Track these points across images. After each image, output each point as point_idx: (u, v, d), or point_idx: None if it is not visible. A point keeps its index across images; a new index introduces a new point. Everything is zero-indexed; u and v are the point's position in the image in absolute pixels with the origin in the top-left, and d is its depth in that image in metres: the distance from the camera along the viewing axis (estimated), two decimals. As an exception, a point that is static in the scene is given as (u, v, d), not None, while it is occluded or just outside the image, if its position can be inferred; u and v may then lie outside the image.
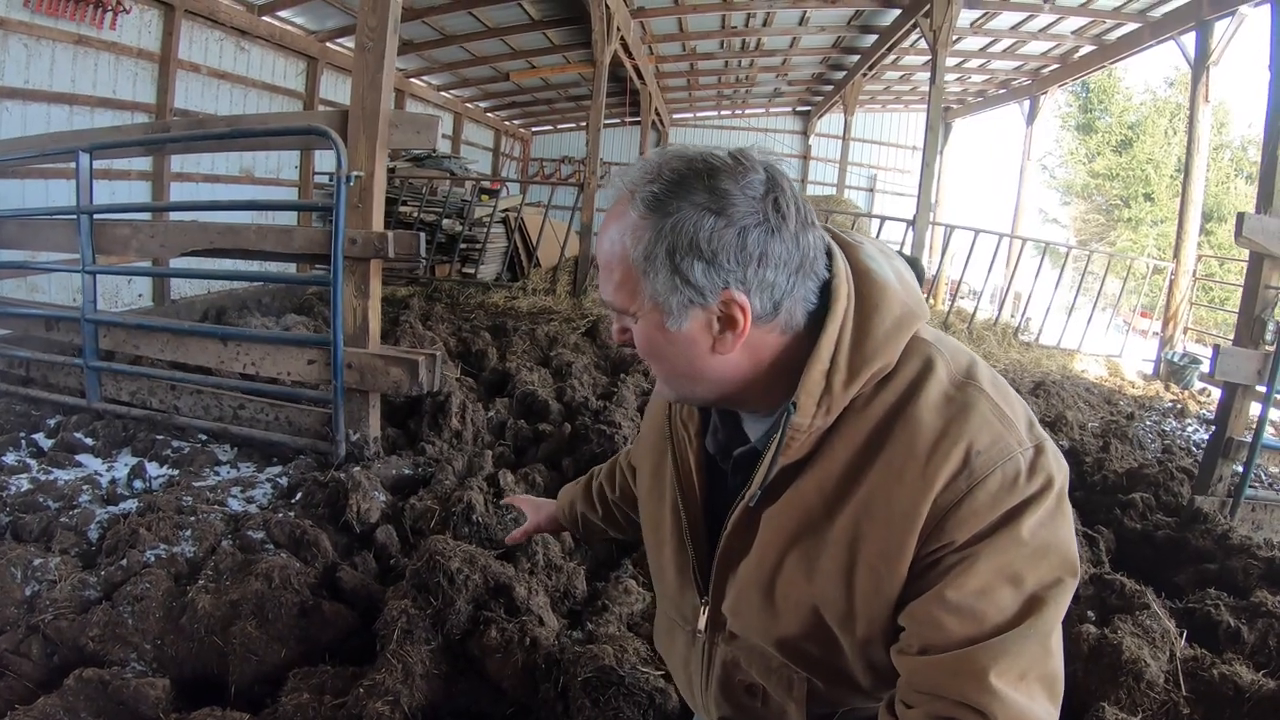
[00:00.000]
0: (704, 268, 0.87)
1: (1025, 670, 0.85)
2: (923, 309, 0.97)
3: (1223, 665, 2.37)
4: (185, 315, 6.97)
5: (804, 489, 0.96)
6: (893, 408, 0.92)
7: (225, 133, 3.83)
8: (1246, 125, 24.36)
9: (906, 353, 0.94)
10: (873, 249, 1.01)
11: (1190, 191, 9.57)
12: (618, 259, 0.92)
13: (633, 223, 0.90)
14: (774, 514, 0.99)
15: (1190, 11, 9.18)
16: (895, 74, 15.39)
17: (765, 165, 0.90)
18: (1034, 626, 0.86)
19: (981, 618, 0.86)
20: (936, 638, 0.87)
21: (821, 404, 0.91)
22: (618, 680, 1.67)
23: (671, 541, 1.15)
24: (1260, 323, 4.15)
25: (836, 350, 0.91)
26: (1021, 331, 10.43)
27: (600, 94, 9.41)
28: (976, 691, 0.84)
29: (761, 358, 0.95)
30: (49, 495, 2.99)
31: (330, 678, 1.82)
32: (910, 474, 0.88)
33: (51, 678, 1.88)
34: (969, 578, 0.86)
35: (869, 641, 0.96)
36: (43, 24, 5.72)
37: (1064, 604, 0.88)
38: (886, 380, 0.93)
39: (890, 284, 0.96)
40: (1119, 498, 4.01)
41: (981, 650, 0.85)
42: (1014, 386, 0.97)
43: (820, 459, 0.95)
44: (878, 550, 0.91)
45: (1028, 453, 0.88)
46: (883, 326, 0.92)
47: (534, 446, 3.95)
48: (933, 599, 0.88)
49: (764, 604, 1.02)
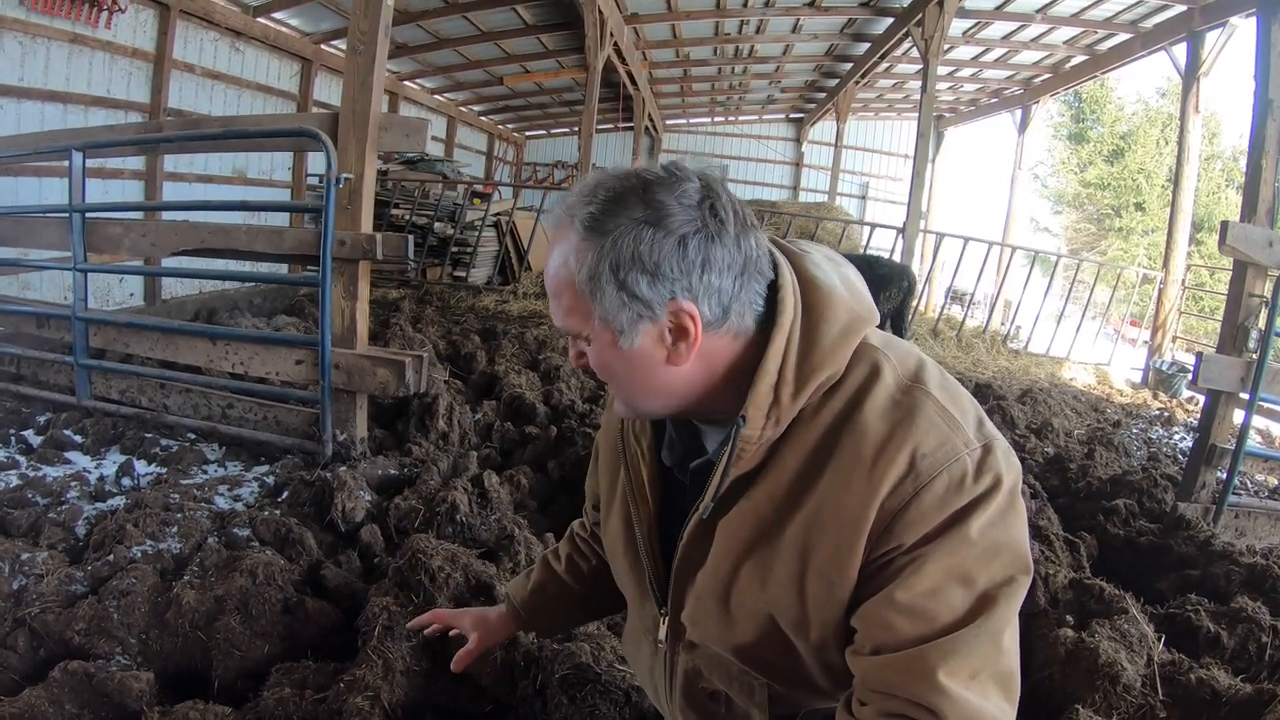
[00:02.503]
0: (648, 280, 0.88)
1: (977, 669, 0.86)
2: (872, 314, 0.98)
3: (1200, 670, 2.37)
4: (176, 315, 6.96)
5: (756, 499, 0.97)
6: (840, 415, 0.93)
7: (218, 133, 3.84)
8: (1238, 136, 24.53)
9: (854, 359, 0.95)
10: (819, 257, 1.01)
11: (1180, 201, 9.63)
12: (564, 284, 0.93)
13: (574, 246, 0.91)
14: (728, 524, 1.00)
15: (1181, 22, 9.27)
16: (888, 82, 15.48)
17: (699, 174, 0.91)
18: (985, 625, 0.87)
19: (932, 617, 0.87)
20: (887, 638, 0.89)
21: (770, 415, 0.93)
22: (594, 677, 1.69)
23: (628, 555, 1.17)
24: (1244, 330, 4.19)
25: (784, 362, 0.92)
26: (1010, 339, 10.47)
27: (593, 99, 9.45)
28: (927, 690, 0.85)
29: (716, 366, 0.95)
30: (38, 491, 2.99)
31: (312, 673, 1.83)
32: (857, 480, 0.89)
33: (37, 670, 1.89)
34: (918, 578, 0.87)
35: (823, 645, 0.97)
36: (38, 22, 5.73)
37: (1016, 602, 0.89)
38: (835, 388, 0.94)
39: (836, 291, 0.97)
40: (1103, 504, 4.03)
41: (932, 649, 0.86)
42: (1001, 393, 0.98)
43: (771, 468, 0.96)
44: (828, 556, 0.92)
45: (975, 453, 0.89)
46: (829, 335, 0.93)
47: (520, 449, 3.96)
48: (883, 600, 0.89)
49: (721, 613, 1.03)
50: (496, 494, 2.95)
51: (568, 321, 0.96)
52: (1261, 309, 4.25)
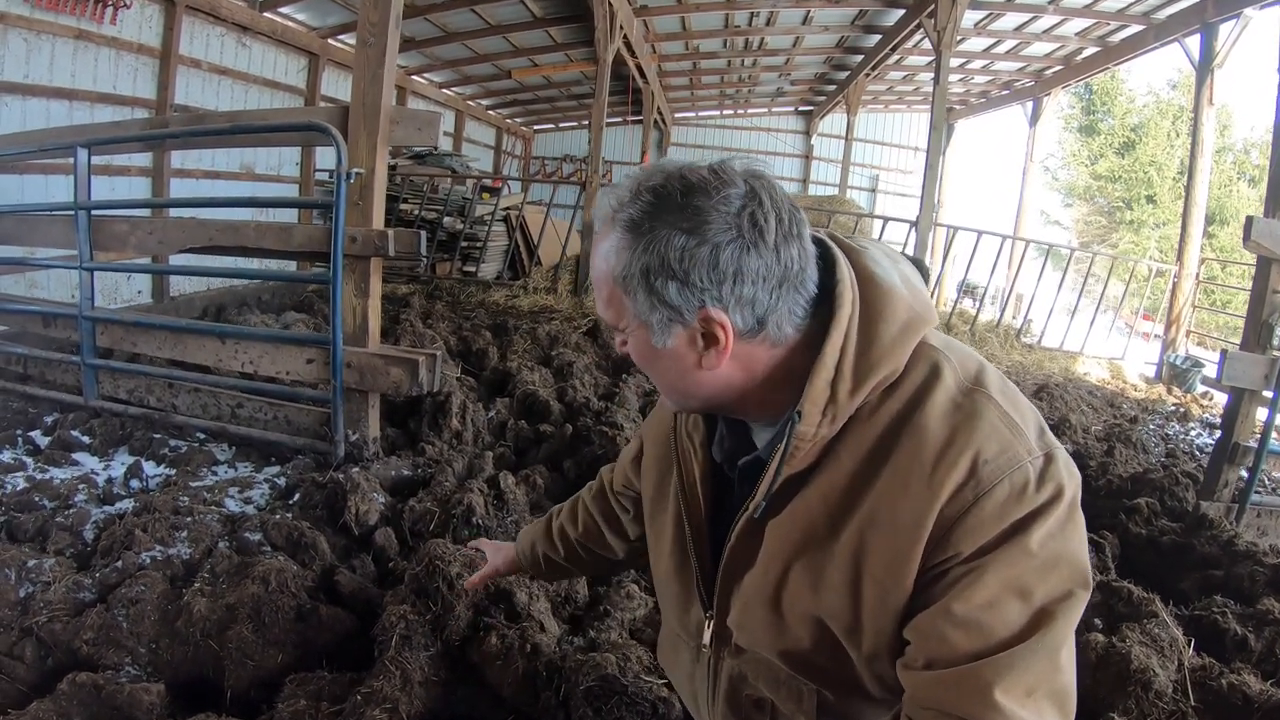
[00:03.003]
0: (678, 287, 0.88)
1: (1033, 686, 0.83)
2: (930, 313, 0.96)
3: (1231, 675, 2.34)
4: (184, 312, 6.94)
5: (809, 499, 0.95)
6: (899, 415, 0.90)
7: (225, 129, 3.79)
8: (1249, 128, 24.35)
9: (913, 359, 0.92)
10: (878, 254, 0.99)
11: (1194, 194, 9.53)
12: (604, 278, 0.94)
13: (615, 244, 0.91)
14: (779, 525, 0.98)
15: (1195, 14, 9.15)
16: (898, 74, 15.34)
17: (747, 176, 0.89)
18: (1042, 641, 0.84)
19: (988, 632, 0.84)
20: (942, 652, 0.86)
21: (826, 413, 0.90)
22: (620, 689, 1.64)
23: (675, 554, 1.14)
24: (1268, 328, 4.13)
25: (841, 358, 0.90)
26: (1024, 334, 10.40)
27: (603, 92, 9.36)
28: (981, 708, 0.82)
29: (754, 370, 0.94)
30: (45, 494, 2.96)
31: (328, 684, 1.79)
32: (916, 484, 0.87)
33: (45, 681, 1.85)
34: (976, 590, 0.84)
35: (875, 655, 0.94)
36: (43, 19, 5.70)
37: (1075, 618, 0.86)
38: (893, 388, 0.92)
39: (896, 289, 0.94)
40: (1124, 502, 3.98)
41: (987, 666, 0.83)
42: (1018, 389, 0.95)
43: (825, 468, 0.94)
44: (883, 562, 0.89)
45: (1037, 461, 0.86)
46: (889, 333, 0.91)
47: (535, 447, 3.92)
48: (938, 612, 0.86)
49: (770, 617, 1.00)
50: (513, 495, 2.90)
51: (607, 313, 0.97)
52: (1287, 305, 4.19)
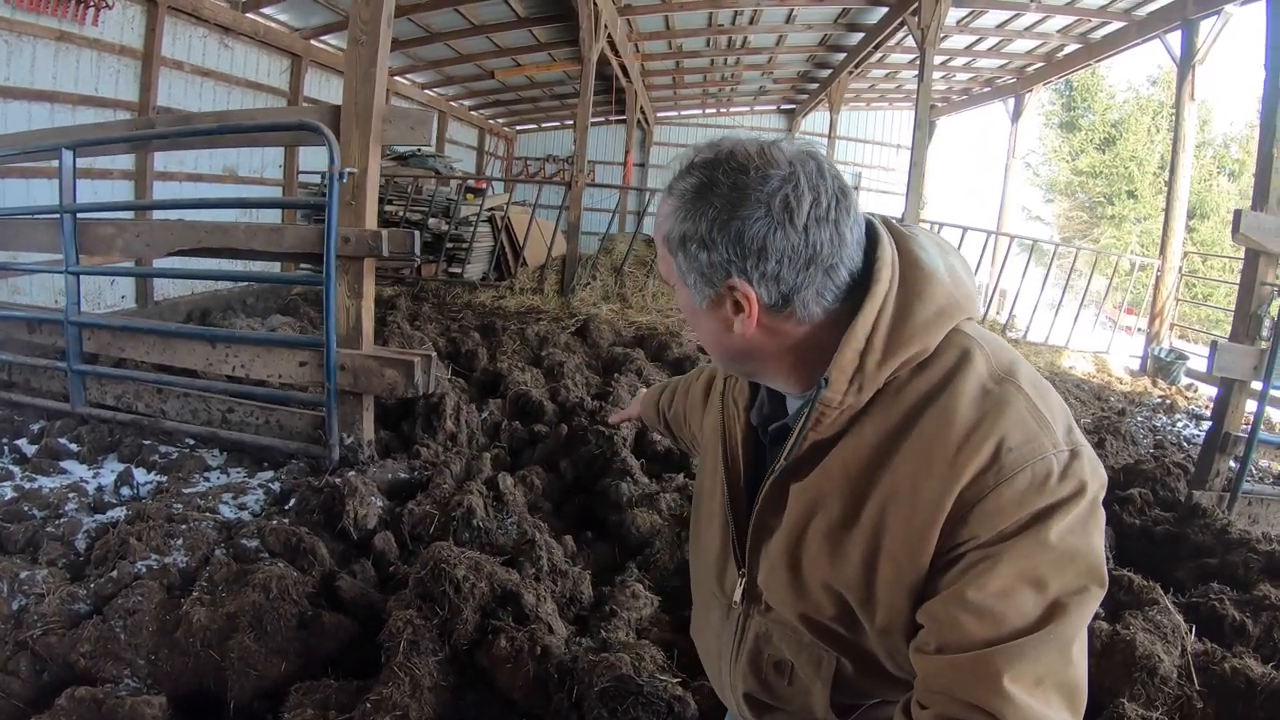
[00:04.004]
0: (707, 255, 0.92)
1: (1042, 676, 0.84)
2: (971, 305, 0.97)
3: (1233, 659, 2.39)
4: (169, 316, 6.86)
5: (830, 467, 0.97)
6: (926, 395, 0.91)
7: (213, 128, 3.72)
8: (1228, 123, 24.65)
9: (946, 343, 0.94)
10: (926, 240, 1.01)
11: (1176, 189, 9.64)
12: (660, 238, 1.00)
13: (670, 208, 0.96)
14: (802, 489, 1.00)
15: (1176, 10, 9.25)
16: (881, 72, 15.41)
17: (795, 158, 0.91)
18: (1054, 633, 0.85)
19: (1001, 620, 0.85)
20: (954, 637, 0.87)
21: (854, 382, 0.92)
22: (636, 690, 1.62)
23: (720, 514, 1.17)
24: (1256, 319, 4.18)
25: (874, 331, 0.92)
26: (1008, 328, 10.46)
27: (587, 92, 9.33)
28: (989, 694, 0.83)
29: (783, 342, 0.97)
30: (34, 504, 2.90)
31: (334, 692, 1.75)
32: (939, 463, 0.88)
33: (42, 696, 1.81)
34: (991, 578, 0.85)
35: (888, 630, 0.96)
36: (24, 20, 5.59)
37: (1088, 613, 0.88)
38: (923, 367, 0.93)
39: (938, 274, 0.96)
40: (1117, 493, 4.03)
41: (998, 653, 0.84)
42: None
43: (850, 439, 0.96)
44: (901, 538, 0.91)
45: (1061, 455, 0.87)
46: (924, 313, 0.92)
47: (530, 448, 3.89)
48: (952, 598, 0.87)
49: (791, 579, 1.03)
50: (512, 496, 2.88)
51: (662, 268, 1.03)
52: (1274, 297, 4.26)
